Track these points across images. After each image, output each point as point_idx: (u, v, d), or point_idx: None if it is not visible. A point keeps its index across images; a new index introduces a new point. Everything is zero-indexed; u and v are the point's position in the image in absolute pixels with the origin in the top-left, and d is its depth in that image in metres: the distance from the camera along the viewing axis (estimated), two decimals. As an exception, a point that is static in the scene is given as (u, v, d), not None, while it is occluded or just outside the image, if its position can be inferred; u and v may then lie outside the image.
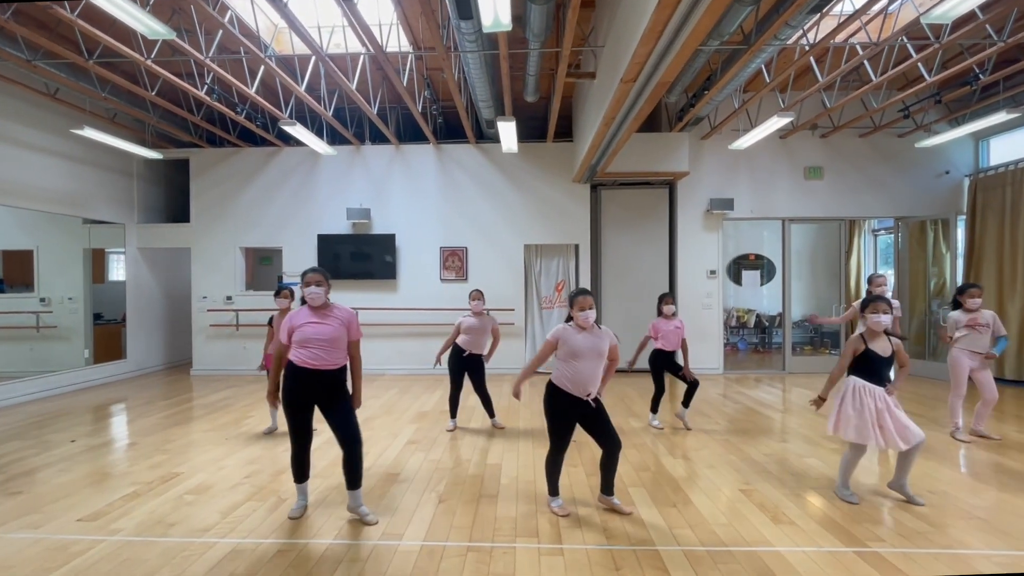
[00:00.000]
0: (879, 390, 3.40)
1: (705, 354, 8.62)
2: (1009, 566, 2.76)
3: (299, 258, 8.69)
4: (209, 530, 3.15)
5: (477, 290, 5.46)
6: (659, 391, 5.37)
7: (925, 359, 8.37)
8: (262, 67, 6.05)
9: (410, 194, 8.72)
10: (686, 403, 5.36)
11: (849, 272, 11.16)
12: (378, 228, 8.72)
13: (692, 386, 5.27)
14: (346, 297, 8.54)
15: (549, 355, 3.40)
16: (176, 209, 9.36)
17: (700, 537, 3.05)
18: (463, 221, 8.72)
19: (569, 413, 3.32)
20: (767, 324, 11.21)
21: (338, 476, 3.76)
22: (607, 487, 3.43)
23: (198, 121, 7.54)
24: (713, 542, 2.99)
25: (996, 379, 7.67)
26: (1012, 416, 5.86)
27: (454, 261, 8.70)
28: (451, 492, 3.73)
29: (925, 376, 8.10)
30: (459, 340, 5.30)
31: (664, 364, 5.30)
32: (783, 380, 8.10)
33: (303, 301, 3.30)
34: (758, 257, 11.65)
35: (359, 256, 8.63)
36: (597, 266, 8.87)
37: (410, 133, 8.78)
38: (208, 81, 6.51)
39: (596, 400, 3.31)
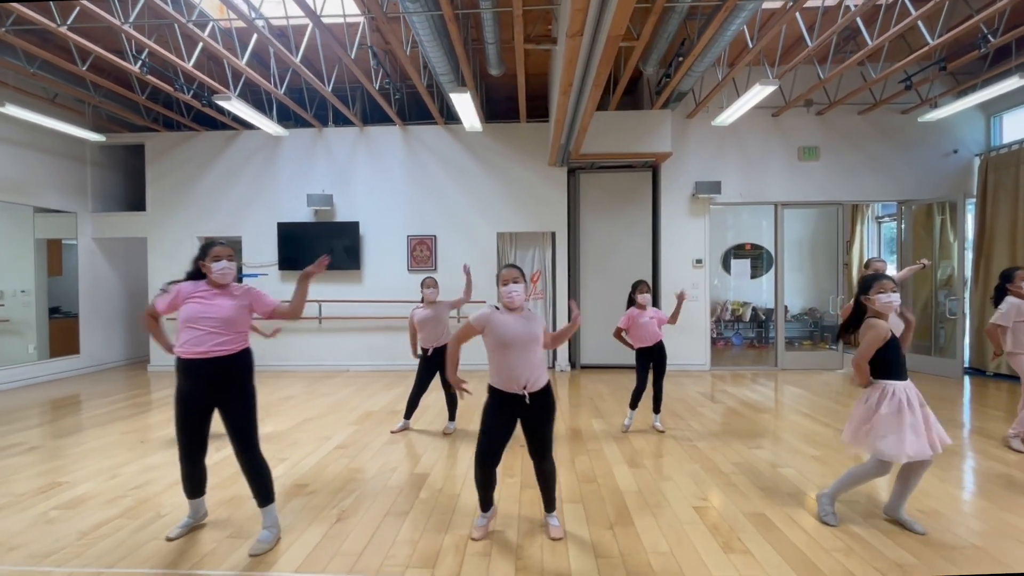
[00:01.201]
0: (912, 387, 2.82)
1: (690, 349, 8.04)
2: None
3: (259, 247, 8.23)
4: (53, 555, 2.67)
5: (430, 277, 4.99)
6: (640, 386, 4.77)
7: (932, 355, 7.72)
8: (200, 44, 5.56)
9: (375, 179, 8.21)
10: (656, 409, 4.82)
11: (851, 262, 10.54)
12: (342, 215, 8.22)
13: (658, 392, 4.77)
14: (308, 289, 8.04)
15: (466, 338, 2.86)
16: (136, 197, 8.92)
17: (629, 570, 2.52)
18: (432, 208, 8.19)
19: (502, 411, 2.78)
20: (764, 318, 10.61)
21: (240, 488, 3.28)
22: (546, 503, 2.92)
23: (143, 101, 7.08)
24: (642, 578, 2.46)
25: (1004, 376, 7.10)
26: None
27: (422, 250, 8.18)
28: (357, 508, 3.23)
29: (931, 373, 7.46)
30: (419, 337, 4.80)
31: (650, 359, 4.72)
32: (775, 377, 7.51)
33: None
34: (755, 247, 11.06)
35: (321, 245, 8.13)
36: (575, 255, 8.31)
37: (377, 114, 8.26)
38: (142, 56, 6.03)
39: (541, 397, 2.77)
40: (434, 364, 4.77)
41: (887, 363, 2.82)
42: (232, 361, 2.72)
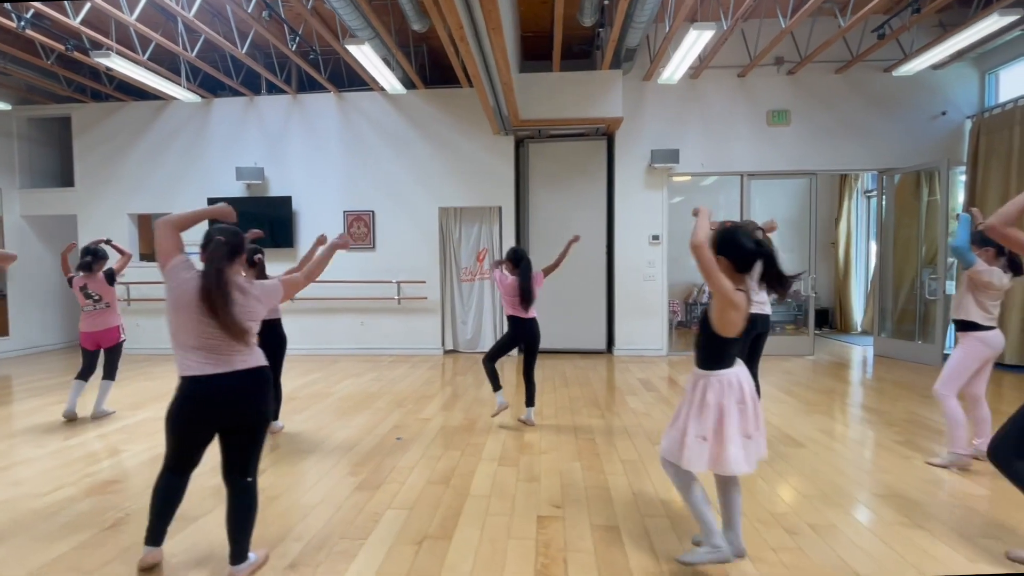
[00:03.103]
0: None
1: (646, 333, 7.43)
2: None
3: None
4: None
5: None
6: (491, 353, 4.25)
7: (916, 340, 6.99)
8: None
9: (309, 151, 7.68)
10: (528, 400, 4.27)
11: (838, 241, 9.78)
12: (275, 189, 7.74)
13: (530, 384, 4.25)
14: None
15: None
16: (70, 173, 8.55)
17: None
18: (370, 181, 7.65)
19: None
20: (744, 300, 9.90)
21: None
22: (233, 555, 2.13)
23: (49, 66, 6.62)
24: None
25: (995, 364, 6.35)
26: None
27: (360, 227, 7.66)
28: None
29: (914, 361, 6.76)
30: None
31: (526, 334, 4.16)
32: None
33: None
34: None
35: (253, 221, 7.62)
36: (524, 231, 7.72)
37: (315, 81, 7.70)
38: (25, 14, 5.55)
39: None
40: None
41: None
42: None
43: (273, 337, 3.97)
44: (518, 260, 4.16)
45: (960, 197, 7.10)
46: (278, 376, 4.14)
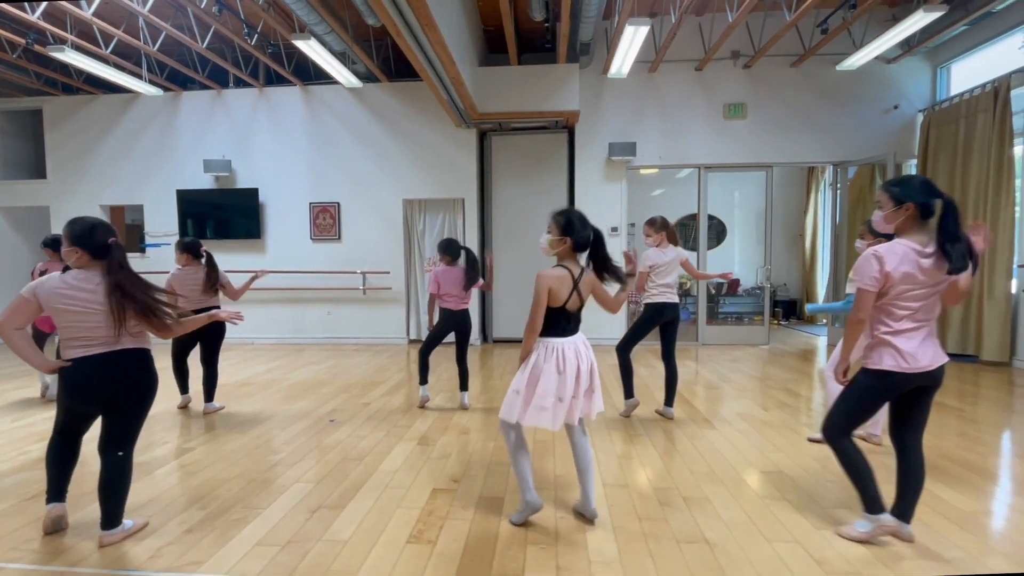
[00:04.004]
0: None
1: (605, 324, 7.56)
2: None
3: (161, 216, 7.95)
4: None
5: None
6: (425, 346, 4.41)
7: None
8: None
9: (276, 144, 7.81)
10: (462, 385, 4.45)
11: (804, 233, 9.91)
12: (243, 182, 7.88)
13: (463, 370, 4.45)
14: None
15: None
16: (43, 164, 8.69)
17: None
18: (335, 173, 7.78)
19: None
20: (714, 292, 10.07)
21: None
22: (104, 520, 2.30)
23: (16, 60, 6.76)
24: None
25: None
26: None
27: (326, 218, 7.81)
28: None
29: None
30: None
31: (457, 324, 4.34)
32: (690, 353, 7.04)
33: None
34: (708, 217, 10.45)
35: (221, 213, 7.83)
36: (488, 222, 7.87)
37: (282, 75, 7.81)
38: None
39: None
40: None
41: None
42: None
43: (210, 324, 4.13)
44: (457, 252, 4.31)
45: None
46: (215, 361, 4.33)
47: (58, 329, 2.26)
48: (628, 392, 4.15)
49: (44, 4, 5.51)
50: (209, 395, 4.31)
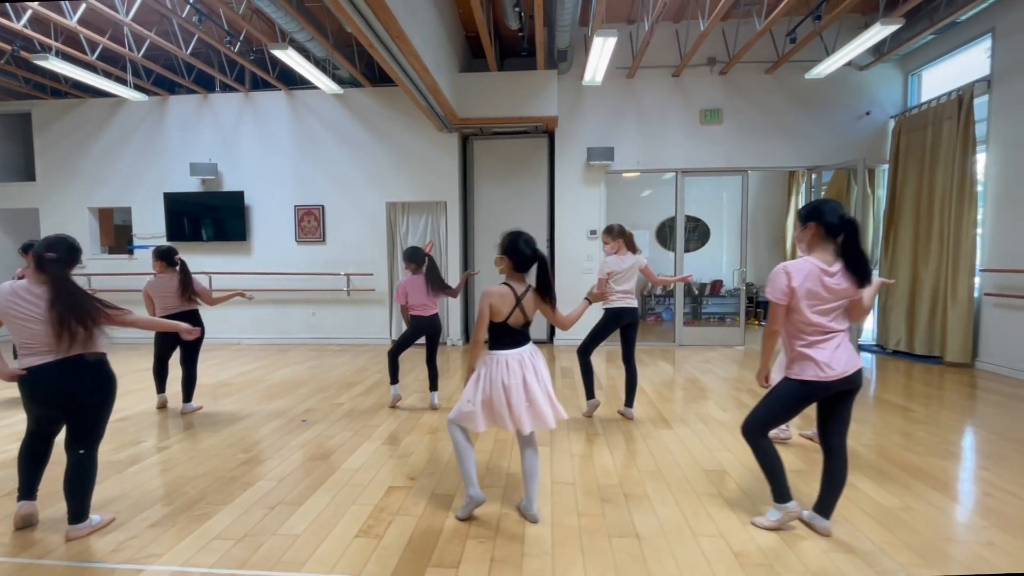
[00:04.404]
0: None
1: (585, 324, 7.70)
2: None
3: (149, 218, 8.08)
4: None
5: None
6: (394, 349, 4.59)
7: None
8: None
9: (262, 147, 7.94)
10: (432, 386, 4.60)
11: (786, 235, 10.05)
12: (229, 185, 8.01)
13: (433, 371, 4.61)
14: (196, 261, 7.86)
15: None
16: (32, 167, 8.81)
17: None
18: (320, 177, 7.92)
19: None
20: (697, 292, 10.23)
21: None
22: (70, 515, 2.48)
23: (4, 66, 6.87)
24: None
25: (904, 353, 6.66)
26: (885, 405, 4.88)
27: (310, 221, 7.95)
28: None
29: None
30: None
31: (426, 330, 4.50)
32: (665, 353, 7.19)
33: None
34: (691, 219, 10.60)
35: (208, 216, 7.96)
36: (470, 225, 8.01)
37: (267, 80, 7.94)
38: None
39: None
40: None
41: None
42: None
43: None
44: (421, 260, 4.47)
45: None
46: (194, 363, 4.48)
47: (10, 335, 2.41)
48: (589, 393, 4.30)
49: (29, 12, 5.63)
50: (187, 396, 4.46)
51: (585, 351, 4.24)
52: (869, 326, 7.60)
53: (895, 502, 2.76)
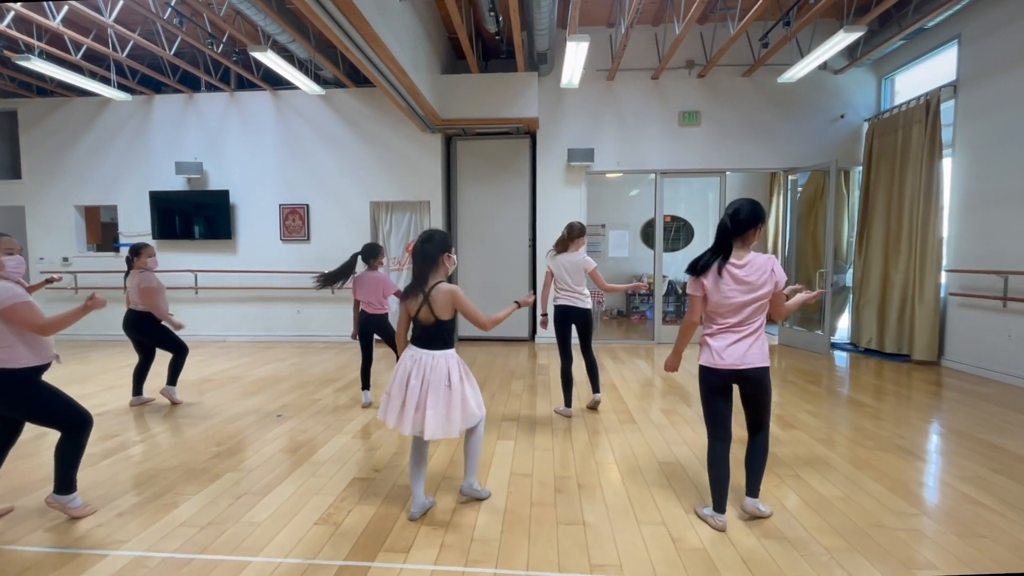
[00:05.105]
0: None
1: (565, 322, 7.85)
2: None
3: (135, 217, 8.15)
4: None
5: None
6: (366, 360, 4.74)
7: (815, 330, 7.46)
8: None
9: (246, 147, 8.02)
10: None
11: (766, 235, 10.19)
12: (214, 183, 8.08)
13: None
14: (182, 259, 8.01)
15: None
16: (19, 165, 8.86)
17: (186, 541, 2.44)
18: (304, 176, 8.01)
19: None
20: (680, 291, 10.37)
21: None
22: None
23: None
24: None
25: (875, 352, 6.82)
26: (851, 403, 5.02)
27: (295, 220, 8.04)
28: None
29: (802, 348, 7.23)
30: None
31: (375, 328, 4.63)
32: (643, 351, 7.32)
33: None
34: (675, 218, 10.75)
35: (193, 214, 8.04)
36: (452, 224, 8.12)
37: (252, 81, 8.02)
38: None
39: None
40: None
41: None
42: None
43: (151, 328, 4.49)
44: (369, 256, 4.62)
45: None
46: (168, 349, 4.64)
47: None
48: (566, 401, 4.37)
49: (12, 13, 5.70)
50: (171, 379, 4.67)
51: (562, 357, 4.33)
52: (844, 325, 7.76)
53: (834, 492, 2.90)
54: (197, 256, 8.02)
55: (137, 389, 4.66)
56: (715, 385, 2.51)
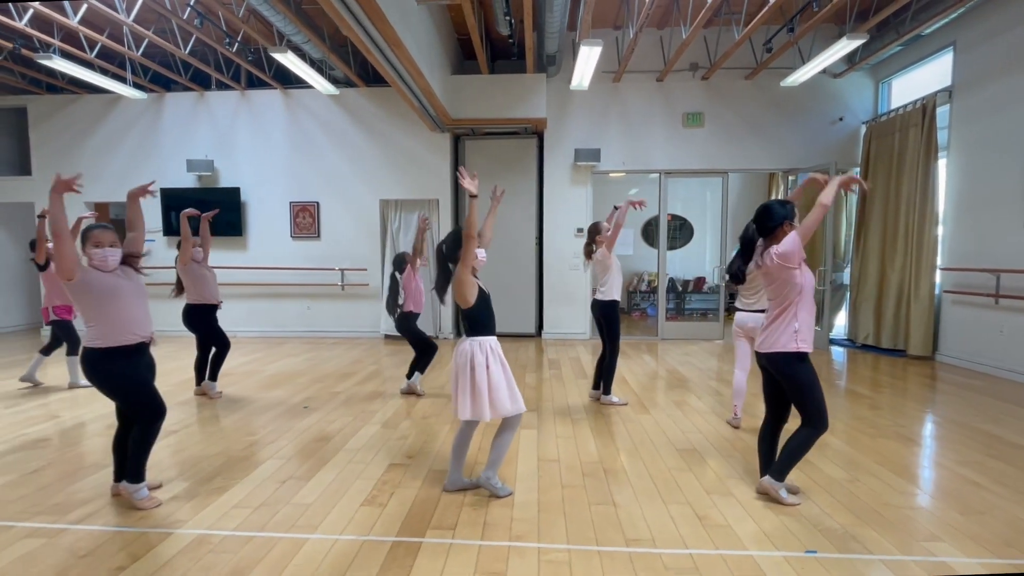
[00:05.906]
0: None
1: (571, 318, 8.06)
2: None
3: (146, 214, 8.14)
4: None
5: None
6: (425, 350, 4.93)
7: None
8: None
9: (257, 145, 8.13)
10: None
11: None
12: (225, 181, 8.18)
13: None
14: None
15: None
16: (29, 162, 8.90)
17: None
18: (314, 174, 8.12)
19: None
20: (681, 289, 10.59)
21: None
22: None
23: (2, 62, 6.98)
24: None
25: (872, 347, 7.07)
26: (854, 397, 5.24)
27: (305, 217, 8.15)
28: (64, 462, 3.32)
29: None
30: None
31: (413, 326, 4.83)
32: (647, 347, 7.52)
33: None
34: (676, 217, 10.96)
35: (204, 211, 8.09)
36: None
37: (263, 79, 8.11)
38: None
39: None
40: None
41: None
42: None
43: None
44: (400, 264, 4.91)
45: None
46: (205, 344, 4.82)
47: None
48: (595, 384, 4.74)
49: (30, 12, 5.77)
50: (211, 375, 4.91)
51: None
52: (841, 321, 8.01)
53: (842, 475, 3.10)
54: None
55: (202, 378, 4.90)
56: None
